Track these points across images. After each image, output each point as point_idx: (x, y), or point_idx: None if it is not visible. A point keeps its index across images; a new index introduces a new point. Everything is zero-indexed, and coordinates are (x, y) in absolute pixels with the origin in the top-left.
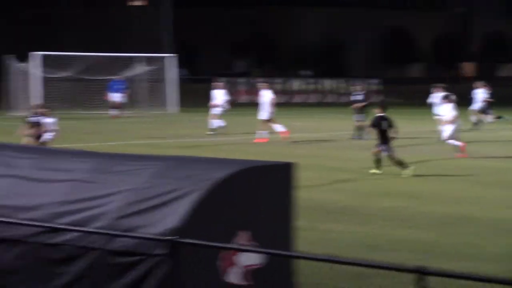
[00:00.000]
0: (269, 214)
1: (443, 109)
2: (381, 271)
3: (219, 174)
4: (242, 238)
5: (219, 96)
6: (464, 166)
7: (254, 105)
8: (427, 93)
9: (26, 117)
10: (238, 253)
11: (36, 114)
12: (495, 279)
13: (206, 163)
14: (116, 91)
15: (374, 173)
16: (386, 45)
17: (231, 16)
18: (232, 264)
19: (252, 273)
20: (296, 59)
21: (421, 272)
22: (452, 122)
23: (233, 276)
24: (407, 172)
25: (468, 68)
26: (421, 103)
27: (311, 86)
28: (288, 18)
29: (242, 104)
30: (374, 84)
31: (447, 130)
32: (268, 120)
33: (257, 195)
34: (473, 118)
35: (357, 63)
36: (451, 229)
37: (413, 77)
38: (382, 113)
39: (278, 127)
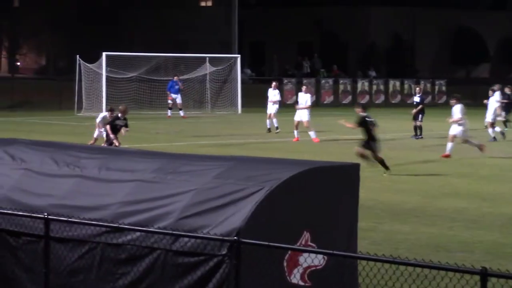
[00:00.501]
0: (334, 215)
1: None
2: (446, 273)
3: (283, 174)
4: (306, 239)
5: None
6: None
7: (322, 106)
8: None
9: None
10: (302, 254)
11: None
12: None
13: (270, 163)
14: (176, 92)
15: (385, 175)
16: (453, 45)
17: (297, 16)
18: (296, 265)
19: (314, 274)
20: (363, 59)
21: (484, 274)
22: (458, 122)
23: (297, 277)
24: (387, 173)
25: None
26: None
27: (378, 87)
28: (355, 17)
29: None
30: (441, 85)
31: (454, 130)
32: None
33: (322, 195)
34: None
35: (424, 63)
36: None
37: (480, 77)
38: (364, 112)
39: (311, 133)
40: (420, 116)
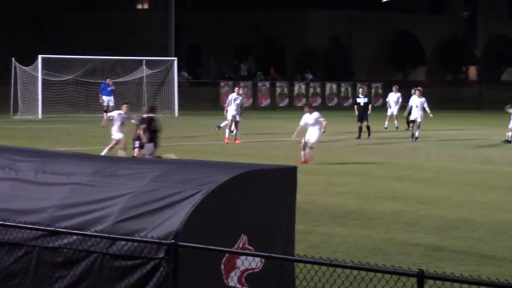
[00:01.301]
0: (271, 218)
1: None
2: (383, 275)
3: (221, 177)
4: (243, 242)
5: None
6: (459, 170)
7: (259, 108)
8: (429, 97)
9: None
10: (239, 256)
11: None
12: (496, 283)
13: (207, 166)
14: (109, 94)
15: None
16: (390, 48)
17: (235, 19)
18: (233, 268)
19: (251, 277)
20: (300, 62)
21: (421, 276)
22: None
23: (234, 280)
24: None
25: (472, 71)
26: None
27: (314, 90)
28: (293, 21)
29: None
30: (377, 87)
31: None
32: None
33: (259, 198)
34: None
35: (361, 66)
36: (454, 233)
37: (417, 80)
38: (151, 114)
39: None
40: (367, 117)
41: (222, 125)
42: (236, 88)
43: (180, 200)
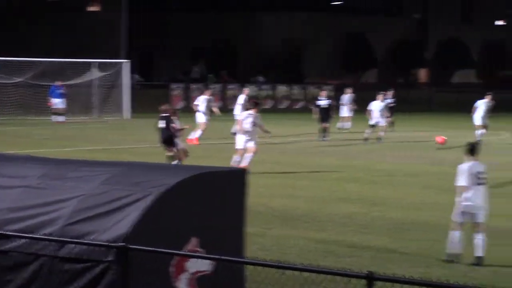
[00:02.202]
0: (221, 220)
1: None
2: (333, 277)
3: (171, 180)
4: (192, 244)
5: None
6: (412, 171)
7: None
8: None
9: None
10: (189, 259)
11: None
12: (445, 285)
13: (159, 169)
14: (58, 96)
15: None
16: (342, 50)
17: (188, 22)
18: (183, 270)
19: (202, 280)
20: (254, 65)
21: (371, 278)
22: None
23: (183, 282)
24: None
25: (423, 74)
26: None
27: (266, 92)
28: (246, 23)
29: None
30: (329, 90)
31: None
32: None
33: (210, 201)
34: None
35: (313, 69)
36: (406, 234)
37: (369, 83)
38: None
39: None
40: (328, 118)
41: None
42: (206, 91)
43: (130, 203)
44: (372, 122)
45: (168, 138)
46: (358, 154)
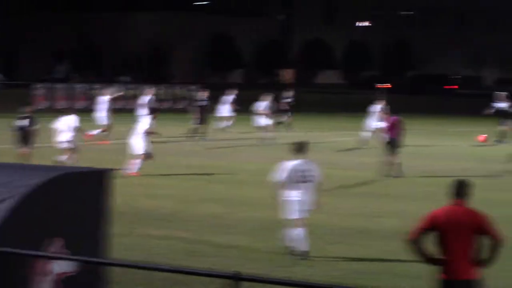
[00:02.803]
0: (83, 221)
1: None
2: (199, 277)
3: (33, 181)
4: (56, 246)
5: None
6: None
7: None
8: (247, 100)
9: None
10: (53, 260)
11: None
12: (309, 284)
13: (21, 169)
14: None
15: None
16: (208, 51)
17: (54, 22)
18: (44, 272)
19: (65, 281)
20: (119, 65)
21: (237, 278)
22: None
23: (48, 283)
24: None
25: (288, 74)
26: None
27: (131, 92)
28: (113, 24)
29: (60, 110)
30: (195, 90)
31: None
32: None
33: (73, 201)
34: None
35: (180, 69)
36: (271, 234)
37: (235, 83)
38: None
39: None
40: (206, 119)
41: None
42: (106, 91)
43: None
44: (257, 123)
45: (25, 137)
46: (225, 155)
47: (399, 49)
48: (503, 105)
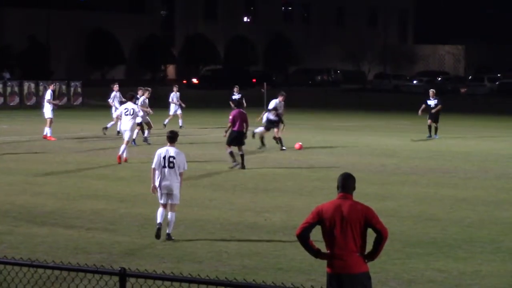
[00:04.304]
0: None
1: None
2: (85, 274)
3: None
4: None
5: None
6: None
7: None
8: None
9: None
10: None
11: None
12: (197, 279)
13: None
14: None
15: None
16: (88, 47)
17: None
18: None
19: None
20: None
21: (123, 274)
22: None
23: None
24: None
25: (171, 70)
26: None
27: (12, 89)
28: None
29: None
30: (76, 86)
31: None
32: None
33: None
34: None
35: (60, 65)
36: (151, 230)
37: (116, 79)
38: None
39: None
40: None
41: (108, 125)
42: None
43: None
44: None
45: None
46: (105, 152)
47: (280, 45)
48: (432, 102)
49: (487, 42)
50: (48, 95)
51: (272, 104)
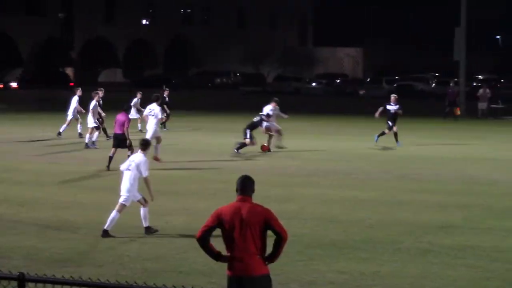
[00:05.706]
0: None
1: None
2: None
3: None
4: None
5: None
6: (59, 171)
7: None
8: (26, 99)
9: None
10: None
11: None
12: (98, 284)
13: None
14: None
15: None
16: None
17: None
18: None
19: None
20: None
21: (22, 279)
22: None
23: None
24: None
25: (70, 73)
26: (26, 108)
27: None
28: None
29: None
30: None
31: None
32: None
33: None
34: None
35: None
36: (55, 234)
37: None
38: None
39: None
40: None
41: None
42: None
43: None
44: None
45: None
46: (4, 154)
47: (180, 47)
48: (392, 107)
49: (385, 44)
50: None
51: (266, 110)
